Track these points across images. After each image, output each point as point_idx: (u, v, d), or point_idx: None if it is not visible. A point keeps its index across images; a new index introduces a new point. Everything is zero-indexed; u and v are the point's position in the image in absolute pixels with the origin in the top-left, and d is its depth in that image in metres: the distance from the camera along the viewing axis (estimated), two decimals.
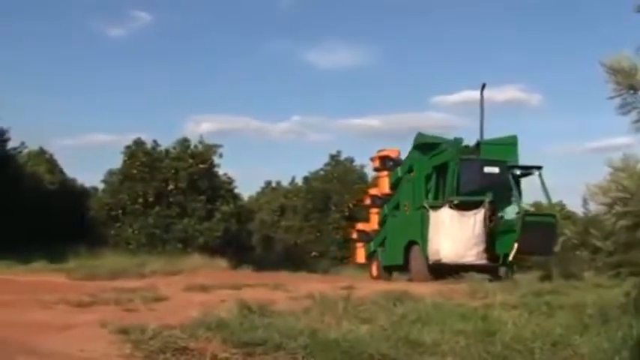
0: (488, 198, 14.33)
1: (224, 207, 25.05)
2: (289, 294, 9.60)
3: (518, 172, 15.28)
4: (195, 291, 10.09)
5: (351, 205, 27.19)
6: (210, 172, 25.52)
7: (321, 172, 30.72)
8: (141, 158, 24.78)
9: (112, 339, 5.55)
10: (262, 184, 35.00)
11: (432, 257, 14.56)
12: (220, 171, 26.28)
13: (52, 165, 31.73)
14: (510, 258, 14.13)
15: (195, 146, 25.67)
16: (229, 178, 26.67)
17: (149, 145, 25.66)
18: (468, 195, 14.77)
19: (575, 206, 23.21)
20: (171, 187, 24.50)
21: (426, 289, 9.81)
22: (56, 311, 7.67)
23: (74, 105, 47.18)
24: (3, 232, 18.74)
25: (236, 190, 27.24)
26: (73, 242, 19.71)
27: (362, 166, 29.08)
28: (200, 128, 57.56)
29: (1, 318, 7.02)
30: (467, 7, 49.41)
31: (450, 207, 14.49)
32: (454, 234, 14.32)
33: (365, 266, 18.80)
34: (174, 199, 24.46)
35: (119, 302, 8.23)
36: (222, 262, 19.28)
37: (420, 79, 52.84)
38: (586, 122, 52.40)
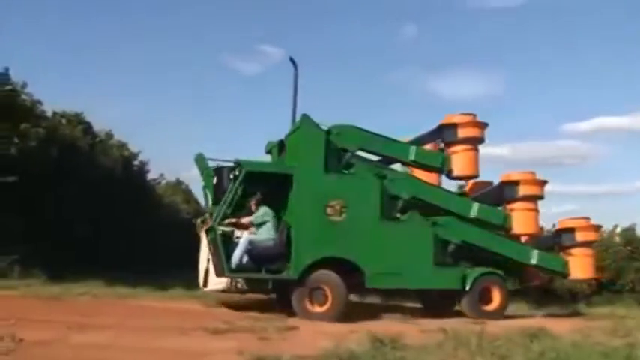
0: (209, 211, 11.49)
1: None
2: (419, 326, 9.49)
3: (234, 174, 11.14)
4: (324, 321, 10.17)
5: None
6: None
7: None
8: None
9: None
10: None
11: None
12: None
13: (188, 195, 33.22)
14: (225, 285, 11.10)
15: None
16: None
17: None
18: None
19: None
20: None
21: (563, 326, 9.41)
22: (194, 338, 7.96)
23: (208, 138, 49.25)
24: (142, 258, 19.73)
25: None
26: None
27: None
28: None
29: (143, 344, 7.40)
30: (596, 29, 47.48)
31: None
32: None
33: None
34: None
35: (253, 330, 8.44)
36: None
37: (549, 106, 51.10)
38: None
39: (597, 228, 13.63)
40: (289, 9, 50.31)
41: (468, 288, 11.70)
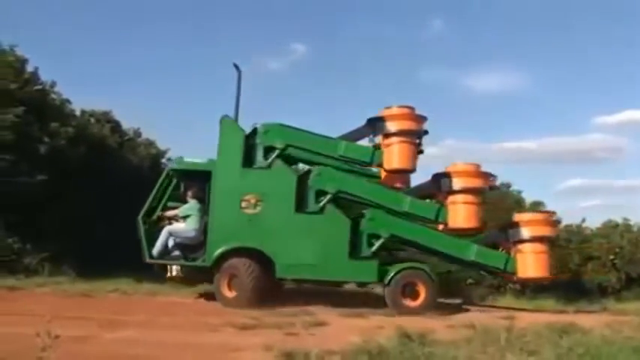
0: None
1: None
2: (447, 322, 9.47)
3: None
4: (351, 317, 10.21)
5: None
6: None
7: None
8: None
9: None
10: None
11: None
12: None
13: None
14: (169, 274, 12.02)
15: None
16: None
17: None
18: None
19: None
20: None
21: (593, 321, 9.33)
22: (223, 334, 8.06)
23: None
24: None
25: None
26: None
27: (519, 192, 28.03)
28: None
29: (174, 340, 7.50)
30: (628, 20, 46.75)
31: None
32: None
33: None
34: None
35: (281, 326, 8.50)
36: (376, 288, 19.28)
37: (579, 100, 50.17)
38: None
39: (554, 223, 12.80)
40: (314, 6, 50.18)
41: (387, 282, 11.60)
